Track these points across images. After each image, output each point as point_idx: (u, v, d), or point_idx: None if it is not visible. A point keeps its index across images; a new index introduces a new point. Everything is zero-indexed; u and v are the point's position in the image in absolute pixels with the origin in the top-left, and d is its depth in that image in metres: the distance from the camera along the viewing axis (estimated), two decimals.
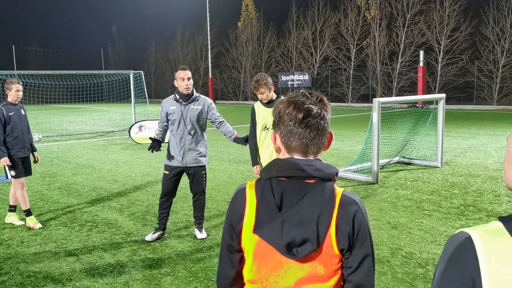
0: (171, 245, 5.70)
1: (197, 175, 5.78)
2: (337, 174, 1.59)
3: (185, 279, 4.69)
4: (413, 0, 37.31)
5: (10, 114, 6.41)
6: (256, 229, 1.53)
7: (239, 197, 1.63)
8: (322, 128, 1.56)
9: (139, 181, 9.54)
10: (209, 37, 45.71)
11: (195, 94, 5.73)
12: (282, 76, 44.96)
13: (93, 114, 33.69)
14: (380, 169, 9.38)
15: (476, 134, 16.52)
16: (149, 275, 4.79)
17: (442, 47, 36.00)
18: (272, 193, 1.54)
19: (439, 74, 36.18)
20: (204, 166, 5.83)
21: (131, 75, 20.25)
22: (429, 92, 34.82)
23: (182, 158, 5.66)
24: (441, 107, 10.28)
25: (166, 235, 6.02)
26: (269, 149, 5.27)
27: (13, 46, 61.56)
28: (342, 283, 1.55)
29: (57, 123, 26.15)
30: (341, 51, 42.42)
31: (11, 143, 6.41)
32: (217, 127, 5.94)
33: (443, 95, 10.49)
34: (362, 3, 41.38)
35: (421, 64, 31.62)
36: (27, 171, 6.81)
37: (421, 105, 23.55)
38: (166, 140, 5.95)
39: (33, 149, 6.89)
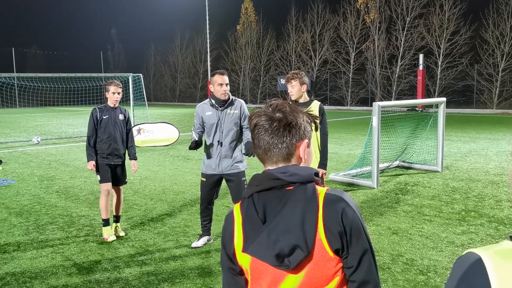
0: (169, 251, 5.63)
1: (237, 182, 5.42)
2: (316, 174, 1.53)
3: (183, 286, 4.62)
4: (412, 4, 37.31)
5: (104, 117, 5.96)
6: (244, 247, 1.50)
7: (227, 220, 1.62)
8: (287, 135, 1.54)
9: (137, 185, 9.47)
10: (208, 40, 45.59)
11: (231, 97, 5.43)
12: (281, 79, 44.92)
13: None
14: (380, 173, 9.33)
15: (476, 138, 16.47)
16: (146, 281, 4.72)
17: (441, 51, 35.98)
18: (255, 208, 1.51)
19: (438, 77, 36.15)
20: (243, 172, 5.47)
21: (130, 78, 20.22)
22: (428, 96, 34.74)
23: (218, 165, 5.36)
24: (442, 111, 10.22)
25: (212, 241, 5.83)
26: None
27: (13, 48, 61.53)
28: (344, 286, 1.49)
29: (55, 126, 26.06)
30: (340, 54, 42.39)
31: (100, 146, 5.98)
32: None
33: (444, 99, 10.42)
34: (362, 6, 41.39)
35: (420, 67, 31.60)
36: (117, 179, 6.22)
37: (420, 109, 23.49)
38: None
39: (131, 157, 6.29)
